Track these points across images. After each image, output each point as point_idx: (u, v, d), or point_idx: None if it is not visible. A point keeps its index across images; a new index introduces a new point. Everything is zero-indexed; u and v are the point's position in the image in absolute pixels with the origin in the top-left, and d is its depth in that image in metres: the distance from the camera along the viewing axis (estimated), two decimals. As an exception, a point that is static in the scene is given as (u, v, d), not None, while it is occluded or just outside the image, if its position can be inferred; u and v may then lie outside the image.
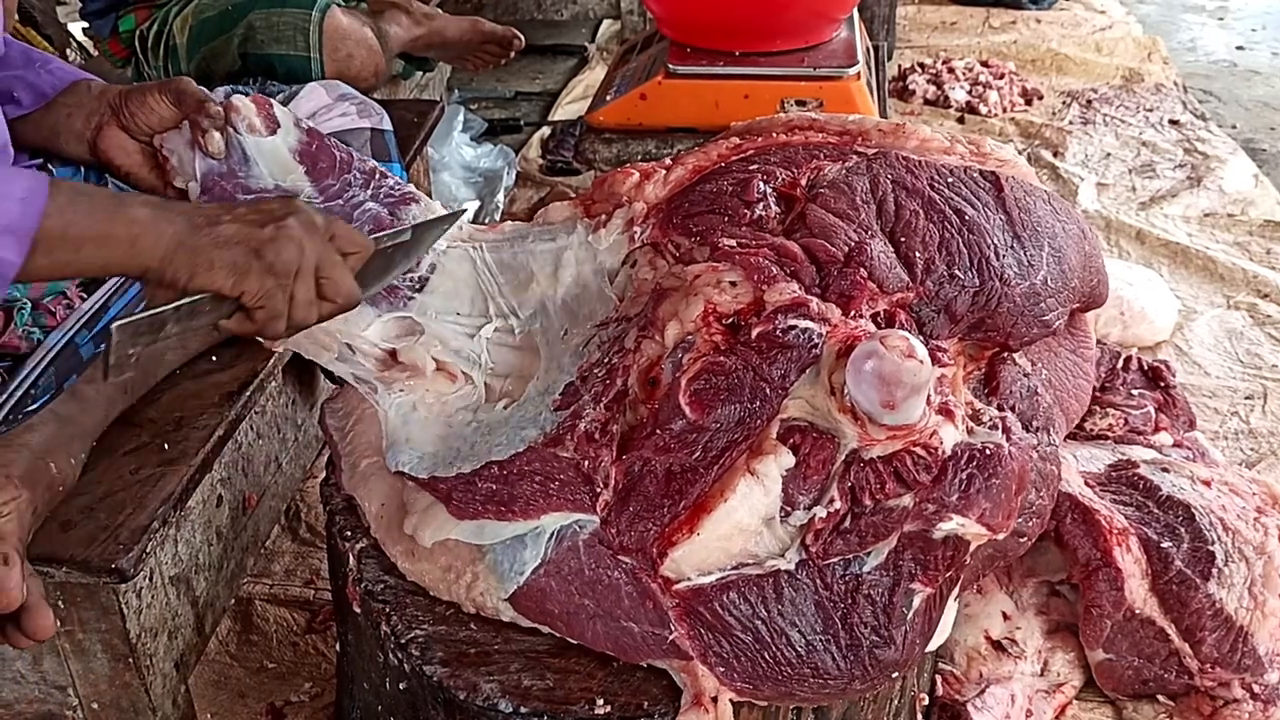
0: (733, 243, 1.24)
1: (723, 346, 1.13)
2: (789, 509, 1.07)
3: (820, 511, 1.06)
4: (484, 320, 1.32)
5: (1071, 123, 3.42)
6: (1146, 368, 1.95)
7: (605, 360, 1.17)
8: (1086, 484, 1.58)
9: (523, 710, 1.04)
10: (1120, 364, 1.94)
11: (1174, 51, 4.12)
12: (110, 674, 1.36)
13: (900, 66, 3.86)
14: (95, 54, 2.73)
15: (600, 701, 1.05)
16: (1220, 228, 2.83)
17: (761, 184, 1.32)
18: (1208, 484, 1.61)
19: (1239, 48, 4.35)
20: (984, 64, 3.76)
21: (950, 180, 1.33)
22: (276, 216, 1.09)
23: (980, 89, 3.58)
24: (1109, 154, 3.22)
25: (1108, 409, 1.84)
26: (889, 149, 1.39)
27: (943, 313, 1.24)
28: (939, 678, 1.53)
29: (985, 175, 1.35)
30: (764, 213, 1.30)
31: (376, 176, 1.36)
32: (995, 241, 1.28)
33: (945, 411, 1.10)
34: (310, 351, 1.29)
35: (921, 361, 1.04)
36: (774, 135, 1.48)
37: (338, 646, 1.37)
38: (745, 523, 1.06)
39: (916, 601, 1.08)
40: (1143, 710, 1.55)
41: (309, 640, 1.72)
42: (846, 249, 1.23)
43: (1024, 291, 1.28)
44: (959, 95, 3.57)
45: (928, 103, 3.62)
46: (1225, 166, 3.09)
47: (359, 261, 1.15)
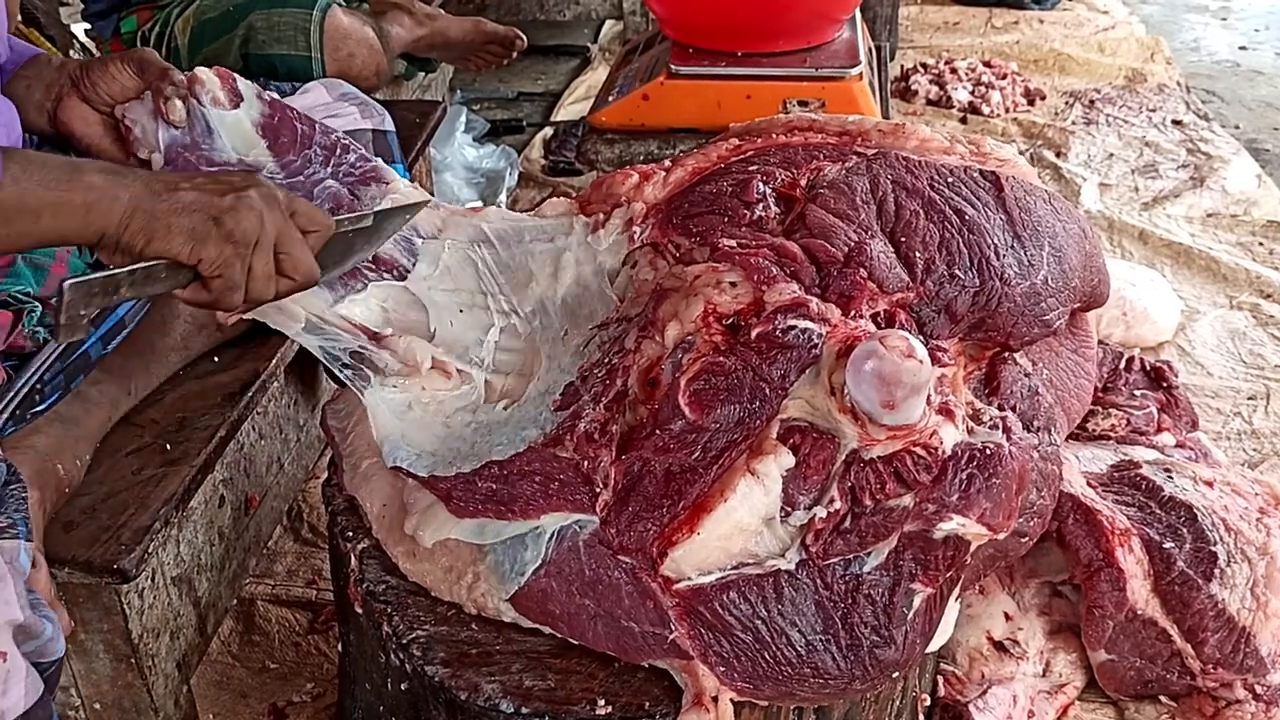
0: (733, 243, 1.24)
1: (723, 347, 1.13)
2: (789, 509, 1.07)
3: (820, 511, 1.06)
4: (485, 319, 1.31)
5: (1074, 123, 3.42)
6: (1149, 368, 1.95)
7: (605, 360, 1.17)
8: (1089, 484, 1.58)
9: (524, 711, 1.04)
10: (1123, 364, 1.94)
11: (1177, 52, 4.12)
12: (112, 674, 1.36)
13: (903, 67, 3.86)
14: (98, 55, 2.73)
15: (601, 702, 1.05)
16: (1223, 228, 2.83)
17: (761, 184, 1.32)
18: (1210, 484, 1.61)
19: (1242, 48, 4.34)
20: (987, 64, 3.76)
21: (950, 180, 1.33)
22: (237, 187, 1.07)
23: (983, 89, 3.57)
24: (1112, 154, 3.22)
25: (1110, 409, 1.84)
26: (889, 149, 1.39)
27: (943, 313, 1.24)
28: (941, 678, 1.53)
29: (985, 175, 1.35)
30: (764, 213, 1.30)
31: (338, 151, 1.34)
32: (995, 241, 1.28)
33: (945, 411, 1.09)
34: (277, 321, 1.25)
35: (921, 361, 1.04)
36: (774, 136, 1.48)
37: (340, 647, 1.37)
38: (745, 522, 1.06)
39: (917, 602, 1.08)
40: (1145, 711, 1.55)
41: (311, 641, 1.72)
42: (846, 249, 1.23)
43: (1024, 291, 1.28)
44: (961, 95, 3.57)
45: (930, 103, 3.62)
46: (1228, 167, 3.09)
47: (319, 241, 1.14)
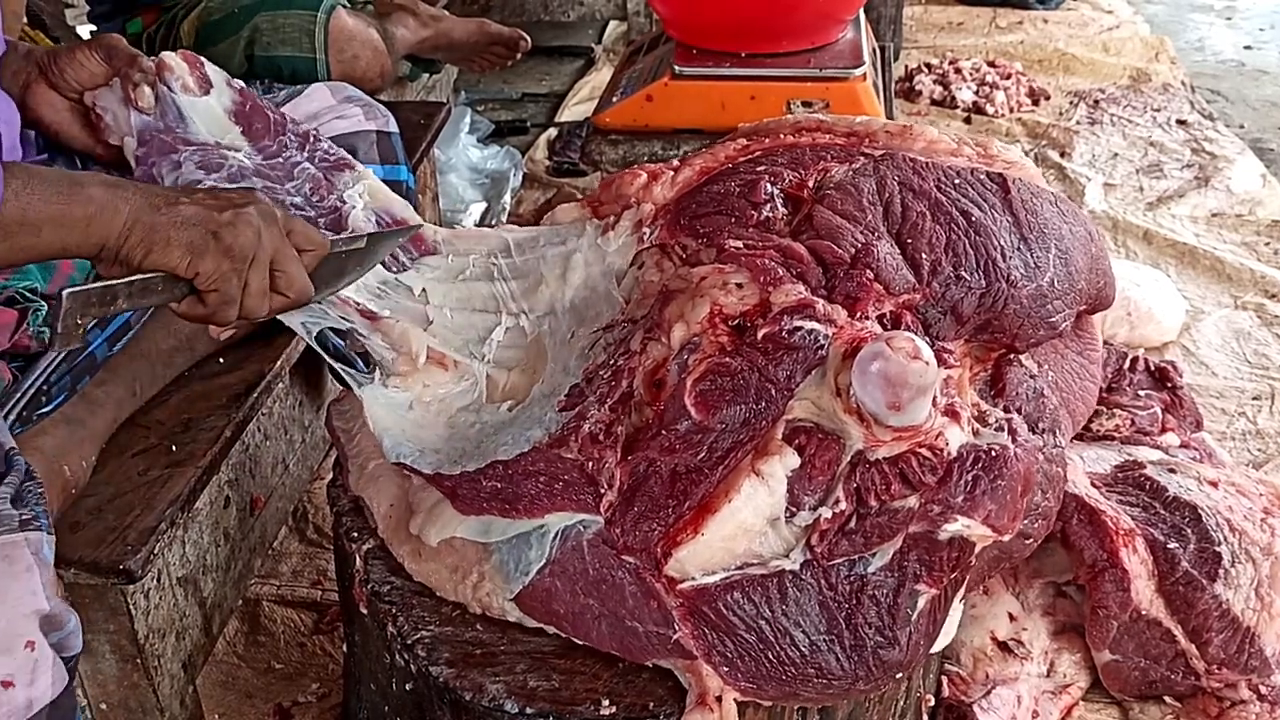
0: (739, 244, 1.24)
1: (729, 348, 1.13)
2: (794, 510, 1.07)
3: (825, 512, 1.06)
4: (493, 320, 1.31)
5: (1079, 123, 3.41)
6: (1153, 368, 1.95)
7: (610, 362, 1.17)
8: (1093, 485, 1.58)
9: (528, 711, 1.05)
10: (1127, 364, 1.94)
11: (1181, 51, 4.11)
12: (118, 675, 1.36)
13: (907, 67, 3.85)
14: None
15: (606, 702, 1.05)
16: (1228, 228, 2.82)
17: (768, 185, 1.32)
18: (1214, 485, 1.61)
19: (1247, 47, 4.33)
20: (991, 64, 3.75)
21: (957, 182, 1.33)
22: (236, 203, 1.09)
23: (987, 89, 3.57)
24: (1116, 154, 3.21)
25: (1114, 410, 1.83)
26: (896, 150, 1.39)
27: (949, 314, 1.24)
28: (945, 679, 1.53)
29: (992, 177, 1.35)
30: (771, 214, 1.30)
31: (311, 140, 1.36)
32: (1002, 243, 1.28)
33: (951, 413, 1.09)
34: None
35: (927, 363, 1.04)
36: (781, 137, 1.48)
37: (345, 647, 1.37)
38: (750, 523, 1.06)
39: (921, 602, 1.08)
40: (1149, 711, 1.55)
41: (316, 641, 1.72)
42: (853, 250, 1.23)
43: (1030, 293, 1.28)
44: (966, 96, 3.56)
45: (934, 103, 3.62)
46: (1233, 166, 3.08)
47: (314, 260, 1.15)
